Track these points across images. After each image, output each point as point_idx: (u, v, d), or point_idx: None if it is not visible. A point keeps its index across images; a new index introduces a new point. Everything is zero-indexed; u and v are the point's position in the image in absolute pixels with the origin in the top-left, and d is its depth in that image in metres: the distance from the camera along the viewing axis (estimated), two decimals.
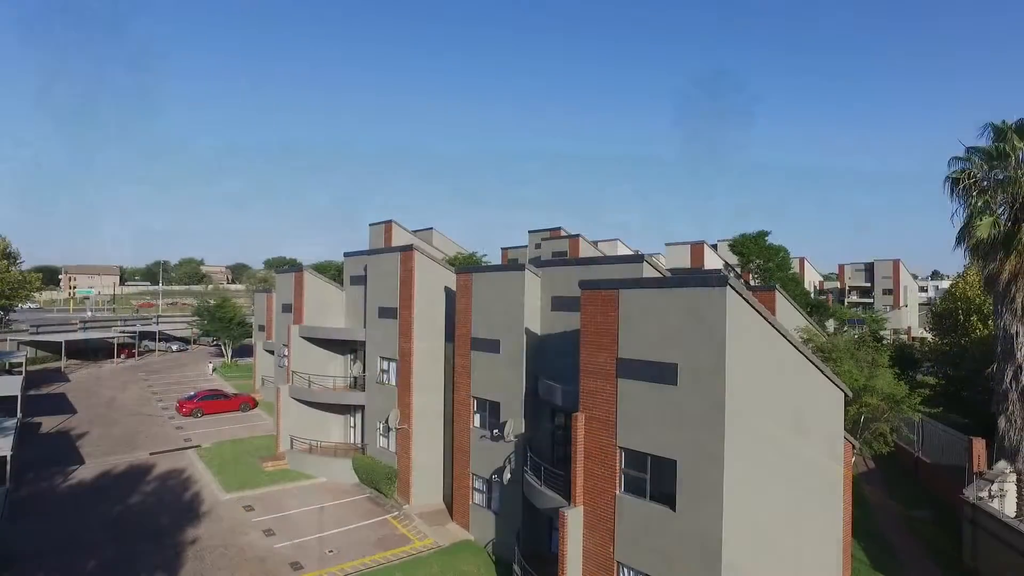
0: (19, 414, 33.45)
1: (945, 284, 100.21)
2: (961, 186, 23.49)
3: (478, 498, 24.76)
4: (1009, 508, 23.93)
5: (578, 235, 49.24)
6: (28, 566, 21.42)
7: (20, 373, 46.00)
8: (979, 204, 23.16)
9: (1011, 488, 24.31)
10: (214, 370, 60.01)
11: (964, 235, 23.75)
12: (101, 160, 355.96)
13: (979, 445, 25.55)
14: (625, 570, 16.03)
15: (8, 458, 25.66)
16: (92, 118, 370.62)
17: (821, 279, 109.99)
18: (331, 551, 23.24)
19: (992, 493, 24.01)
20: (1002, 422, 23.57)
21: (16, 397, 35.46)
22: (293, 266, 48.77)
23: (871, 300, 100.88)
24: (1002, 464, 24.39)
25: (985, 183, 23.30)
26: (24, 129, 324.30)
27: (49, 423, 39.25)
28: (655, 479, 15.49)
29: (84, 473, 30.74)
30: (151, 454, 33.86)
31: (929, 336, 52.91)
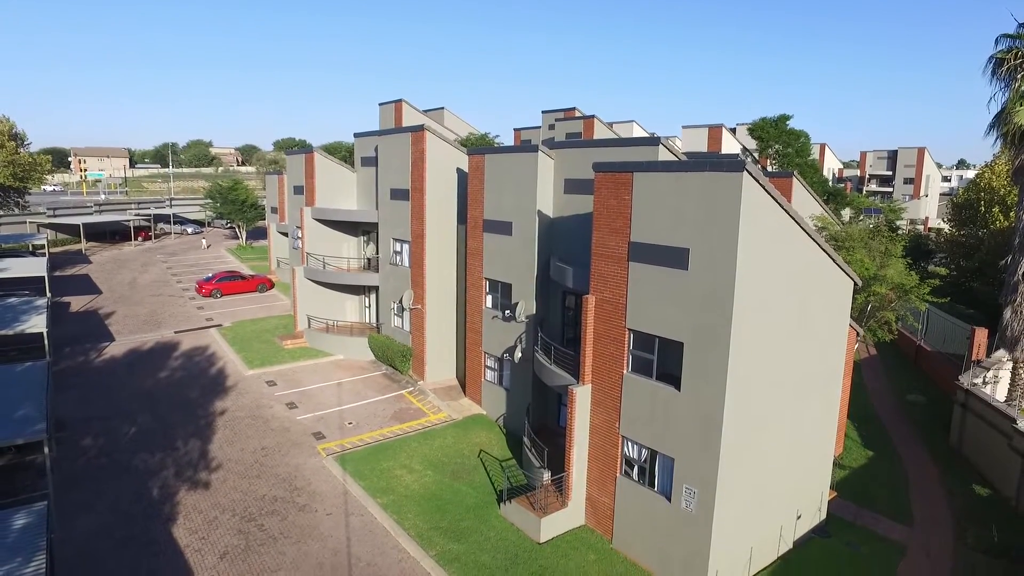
0: (48, 294, 34.56)
1: (971, 174, 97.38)
2: (1005, 67, 22.17)
3: (490, 375, 25.87)
4: (1000, 394, 24.79)
5: (593, 116, 47.56)
6: (77, 431, 23.13)
7: (44, 255, 46.95)
8: (1023, 88, 21.98)
9: (1005, 375, 25.05)
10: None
11: (1000, 121, 22.77)
12: (104, 37, 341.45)
13: (981, 334, 26.00)
14: (629, 444, 17.02)
15: (45, 334, 26.82)
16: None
17: (841, 166, 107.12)
18: (350, 423, 24.73)
19: (986, 380, 24.76)
20: (1007, 312, 23.84)
21: (43, 278, 36.49)
22: (303, 147, 47.98)
23: (891, 189, 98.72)
24: (1000, 352, 24.94)
25: None
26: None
27: (77, 303, 40.65)
28: (662, 360, 16.02)
29: (115, 349, 32.25)
30: (176, 332, 35.28)
31: (946, 227, 52.24)
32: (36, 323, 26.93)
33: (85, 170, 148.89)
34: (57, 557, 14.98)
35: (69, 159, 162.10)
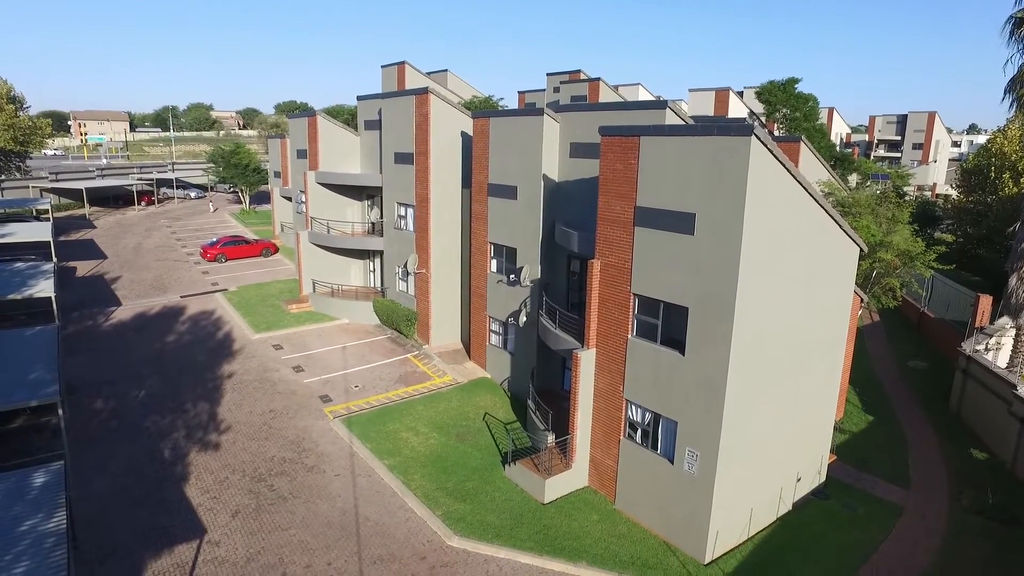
0: (54, 258, 34.62)
1: (982, 139, 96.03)
2: None
3: (494, 339, 26.05)
4: (1002, 360, 24.90)
5: (598, 79, 46.82)
6: (89, 394, 23.47)
7: (48, 219, 46.82)
8: None
9: (1008, 342, 25.11)
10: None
11: (1016, 84, 22.34)
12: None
13: (985, 301, 26.00)
14: (633, 407, 17.24)
15: (53, 298, 26.97)
16: None
17: (849, 131, 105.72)
18: (356, 386, 25.03)
19: (988, 346, 24.86)
20: (1013, 280, 23.80)
21: (49, 242, 36.46)
22: (305, 111, 47.46)
23: (899, 154, 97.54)
24: (1004, 320, 24.98)
25: None
26: None
27: (83, 268, 40.80)
28: (666, 325, 16.11)
29: (122, 314, 32.50)
30: (182, 297, 35.47)
31: (954, 193, 51.72)
32: (44, 287, 27.06)
33: (85, 134, 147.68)
34: (75, 514, 15.40)
35: (69, 123, 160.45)
